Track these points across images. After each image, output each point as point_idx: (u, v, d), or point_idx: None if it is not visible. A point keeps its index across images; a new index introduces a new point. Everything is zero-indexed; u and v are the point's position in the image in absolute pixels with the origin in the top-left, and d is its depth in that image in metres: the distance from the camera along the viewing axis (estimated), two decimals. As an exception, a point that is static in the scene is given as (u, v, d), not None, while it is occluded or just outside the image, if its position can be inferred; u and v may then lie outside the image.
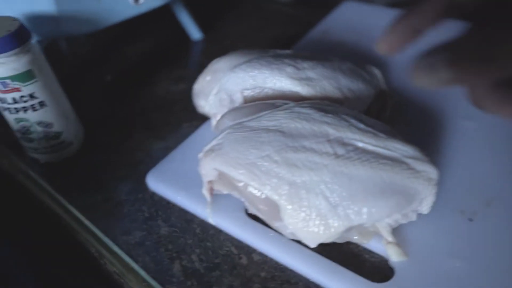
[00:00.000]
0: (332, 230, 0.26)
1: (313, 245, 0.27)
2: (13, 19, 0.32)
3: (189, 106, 0.43)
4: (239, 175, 0.28)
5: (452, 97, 0.39)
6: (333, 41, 0.51)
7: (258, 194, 0.28)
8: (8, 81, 0.32)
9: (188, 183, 0.34)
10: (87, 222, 0.34)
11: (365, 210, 0.26)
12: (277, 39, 0.55)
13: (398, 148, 0.28)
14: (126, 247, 0.31)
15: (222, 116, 0.33)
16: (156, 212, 0.34)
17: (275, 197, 0.27)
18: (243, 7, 0.64)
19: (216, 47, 0.55)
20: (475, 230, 0.28)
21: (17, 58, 0.31)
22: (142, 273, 0.30)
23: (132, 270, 0.30)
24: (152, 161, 0.38)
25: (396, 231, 0.28)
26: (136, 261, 0.30)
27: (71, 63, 0.55)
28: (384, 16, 0.52)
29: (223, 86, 0.36)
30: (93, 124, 0.42)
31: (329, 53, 0.48)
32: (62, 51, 0.57)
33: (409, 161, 0.28)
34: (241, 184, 0.28)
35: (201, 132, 0.39)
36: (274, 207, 0.28)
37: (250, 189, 0.28)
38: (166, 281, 0.29)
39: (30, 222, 0.39)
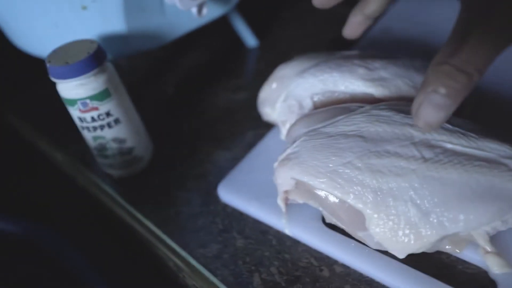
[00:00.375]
0: (425, 240, 0.25)
1: (402, 256, 0.25)
2: (91, 41, 0.33)
3: (251, 114, 0.43)
4: (320, 184, 0.27)
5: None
6: (396, 38, 0.48)
7: (341, 203, 0.27)
8: (87, 101, 0.33)
9: (259, 193, 0.33)
10: (164, 236, 0.34)
11: (461, 217, 0.24)
12: (334, 41, 0.53)
13: (493, 148, 0.26)
14: (204, 260, 0.31)
15: (294, 123, 0.32)
16: (230, 224, 0.33)
17: (360, 206, 0.26)
18: (296, 10, 0.63)
19: (272, 53, 0.54)
20: None
21: (95, 79, 0.33)
22: (222, 286, 0.29)
23: (212, 283, 0.30)
24: (220, 172, 0.38)
25: (493, 239, 0.26)
26: (215, 275, 0.30)
27: (132, 78, 0.57)
28: (445, 5, 0.50)
29: (291, 92, 0.35)
30: (159, 138, 0.43)
31: (394, 51, 0.46)
32: (122, 67, 0.59)
33: (507, 161, 0.25)
34: (322, 193, 0.27)
35: (268, 140, 0.38)
36: (359, 216, 0.26)
37: (332, 198, 0.27)
38: (248, 295, 0.28)
39: (106, 236, 0.41)
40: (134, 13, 0.36)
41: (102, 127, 0.35)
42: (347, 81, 0.33)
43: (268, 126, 0.41)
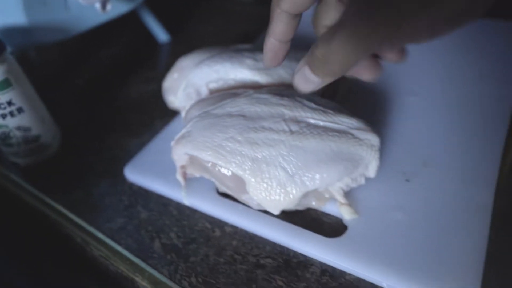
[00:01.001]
0: (291, 196, 0.30)
1: (276, 212, 0.31)
2: (-12, 32, 0.34)
3: (160, 104, 0.46)
4: (207, 156, 0.31)
5: (397, 76, 0.43)
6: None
7: (225, 171, 0.31)
8: (-14, 89, 0.34)
9: (163, 172, 0.37)
10: (72, 216, 0.36)
11: (317, 176, 0.30)
12: (241, 37, 0.58)
13: (344, 122, 0.32)
14: (110, 233, 0.34)
15: (190, 107, 0.36)
16: (136, 200, 0.37)
17: (240, 173, 0.30)
18: (207, 9, 0.67)
19: (183, 47, 0.58)
20: (414, 187, 0.33)
21: (-7, 68, 0.34)
22: (126, 253, 0.33)
23: (116, 252, 0.33)
24: (129, 156, 0.41)
25: (348, 194, 0.32)
26: (120, 244, 0.33)
27: (42, 71, 0.57)
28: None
29: (190, 81, 0.39)
30: (70, 127, 0.45)
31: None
32: (31, 59, 0.58)
33: (354, 131, 0.32)
34: (209, 165, 0.32)
35: (173, 125, 0.42)
36: (240, 182, 0.31)
37: (218, 168, 0.31)
38: (148, 257, 0.32)
39: (16, 223, 0.42)
40: (35, 6, 0.38)
41: (4, 115, 0.36)
42: (237, 70, 0.38)
43: (175, 114, 0.45)
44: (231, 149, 0.31)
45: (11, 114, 0.36)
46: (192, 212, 0.35)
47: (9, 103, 0.36)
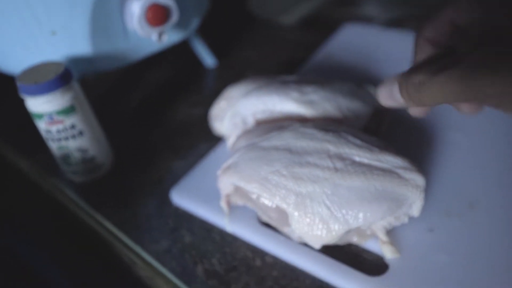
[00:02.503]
0: (333, 233, 0.30)
1: (317, 246, 0.31)
2: (59, 64, 0.38)
3: (206, 128, 0.48)
4: (253, 188, 0.32)
5: (443, 112, 0.43)
6: (335, 62, 0.56)
7: (269, 204, 0.32)
8: (54, 115, 0.37)
9: (207, 197, 0.39)
10: (121, 235, 0.39)
11: (361, 214, 0.30)
12: (285, 62, 0.60)
13: (389, 160, 0.32)
14: (155, 254, 0.36)
15: (238, 138, 0.38)
16: (180, 224, 0.38)
17: (284, 206, 0.31)
18: (252, 33, 0.70)
19: (229, 72, 0.60)
20: (459, 228, 0.32)
21: (61, 96, 0.37)
22: (170, 275, 0.34)
23: (160, 274, 0.35)
24: (174, 178, 0.43)
25: (390, 232, 0.32)
26: (165, 266, 0.35)
27: (98, 91, 0.61)
28: (382, 36, 0.58)
29: (237, 111, 0.41)
30: (122, 146, 0.48)
31: (331, 75, 0.53)
32: (88, 81, 0.63)
33: (399, 171, 0.32)
34: (254, 196, 0.33)
35: (217, 151, 0.44)
36: (283, 214, 0.32)
37: (262, 200, 0.33)
38: (191, 281, 0.33)
39: (68, 235, 0.45)
40: (99, 38, 0.41)
41: (66, 138, 0.39)
42: (283, 103, 0.39)
43: (219, 139, 0.46)
44: (276, 183, 0.32)
45: (73, 137, 0.40)
46: (234, 240, 0.36)
47: (72, 126, 0.39)
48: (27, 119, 0.40)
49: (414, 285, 0.29)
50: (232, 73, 0.60)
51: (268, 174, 0.32)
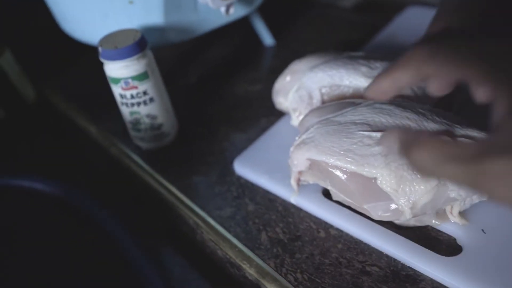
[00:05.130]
0: (431, 186, 0.29)
1: (409, 204, 0.29)
2: (136, 31, 0.39)
3: (265, 103, 0.48)
4: (336, 161, 0.31)
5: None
6: (399, 44, 0.54)
7: (352, 177, 0.31)
8: (129, 80, 0.39)
9: (270, 168, 0.39)
10: (186, 199, 0.40)
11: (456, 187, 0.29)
12: (342, 43, 0.59)
13: (474, 137, 0.31)
14: (220, 220, 0.37)
15: (307, 114, 0.37)
16: (243, 192, 0.39)
17: (373, 171, 0.30)
18: (309, 14, 0.69)
19: (286, 51, 0.60)
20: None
21: (138, 62, 0.39)
22: (235, 240, 0.35)
23: (225, 238, 0.36)
24: (236, 150, 0.44)
25: (466, 212, 0.31)
26: (229, 231, 0.36)
27: (160, 67, 0.63)
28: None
29: (303, 84, 0.40)
30: (184, 119, 0.49)
31: (396, 56, 0.51)
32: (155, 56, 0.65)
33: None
34: (335, 170, 0.32)
35: (279, 126, 0.44)
36: (368, 186, 0.31)
37: (345, 173, 0.31)
38: (256, 248, 0.34)
39: (135, 200, 0.47)
40: (171, 9, 0.42)
41: (138, 103, 0.41)
42: (351, 77, 0.38)
43: (279, 114, 0.46)
44: (362, 152, 0.31)
45: (145, 103, 0.41)
46: (297, 211, 0.36)
47: (144, 93, 0.41)
48: (97, 87, 0.42)
49: (489, 266, 0.28)
50: (289, 52, 0.59)
51: (350, 145, 0.31)
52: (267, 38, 0.61)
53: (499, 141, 0.17)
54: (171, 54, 0.64)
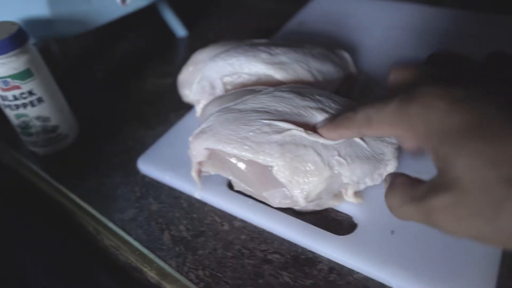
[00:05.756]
0: (324, 176, 0.29)
1: (303, 197, 0.29)
2: (12, 23, 0.35)
3: (176, 97, 0.46)
4: (233, 149, 0.30)
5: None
6: (309, 31, 0.54)
7: (250, 165, 0.30)
8: (9, 79, 0.35)
9: (175, 165, 0.37)
10: (85, 205, 0.37)
11: (357, 171, 0.29)
12: (257, 32, 0.58)
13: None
14: (121, 223, 0.35)
15: (207, 104, 0.36)
16: (147, 192, 0.37)
17: (268, 159, 0.29)
18: (225, 3, 0.67)
19: (200, 42, 0.58)
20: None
21: (16, 58, 0.35)
22: (136, 243, 0.33)
23: (126, 242, 0.33)
24: (142, 148, 0.41)
25: (362, 193, 0.32)
26: (130, 234, 0.34)
27: (63, 63, 0.58)
28: (357, 5, 0.56)
29: (205, 74, 0.39)
30: (87, 118, 0.46)
31: (304, 42, 0.51)
32: (53, 52, 0.60)
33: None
34: (233, 159, 0.31)
35: (186, 119, 0.42)
36: (266, 174, 0.30)
37: (242, 162, 0.30)
38: (157, 249, 0.32)
39: (32, 211, 0.43)
40: (56, -2, 0.39)
41: (25, 105, 0.37)
42: (251, 64, 0.38)
43: (189, 108, 0.45)
44: (258, 140, 0.29)
45: (32, 103, 0.37)
46: (202, 205, 0.35)
47: (30, 92, 0.37)
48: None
49: (382, 242, 0.28)
50: (203, 42, 0.57)
51: (248, 133, 0.30)
52: (179, 29, 0.59)
53: (440, 180, 0.19)
54: (76, 47, 0.60)
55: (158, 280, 0.31)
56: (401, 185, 0.22)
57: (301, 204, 0.29)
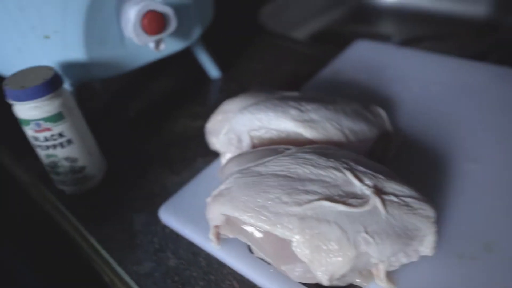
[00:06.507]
0: (349, 256, 0.26)
1: (326, 278, 0.27)
2: (49, 68, 0.36)
3: (204, 142, 0.46)
4: (249, 218, 0.28)
5: (457, 139, 0.40)
6: (344, 80, 0.53)
7: (267, 236, 0.29)
8: (41, 122, 0.36)
9: (196, 217, 0.36)
10: (103, 252, 0.36)
11: (380, 246, 0.27)
12: (291, 76, 0.58)
13: (396, 189, 0.29)
14: (137, 277, 0.34)
15: (227, 162, 0.35)
16: (166, 244, 0.36)
17: (287, 234, 0.27)
18: (260, 44, 0.68)
19: (233, 84, 0.58)
20: (472, 272, 0.29)
21: (50, 102, 0.35)
22: (149, 303, 0.32)
23: (140, 299, 0.32)
24: (167, 194, 0.41)
25: (395, 272, 0.29)
26: (144, 291, 0.33)
27: (103, 99, 0.60)
28: (395, 55, 0.55)
29: (232, 126, 0.38)
30: (116, 157, 0.46)
31: (338, 93, 0.50)
32: (95, 87, 0.62)
33: (407, 199, 0.29)
34: (249, 228, 0.29)
35: (212, 168, 0.42)
36: (283, 247, 0.28)
37: (258, 233, 0.29)
38: (170, 312, 0.31)
39: (53, 247, 0.43)
40: (94, 44, 0.40)
41: (54, 146, 0.38)
42: (280, 121, 0.36)
43: (217, 155, 0.44)
44: (276, 210, 0.28)
45: (61, 145, 0.38)
46: (221, 267, 0.33)
47: (60, 134, 0.37)
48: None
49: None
50: (236, 85, 0.58)
51: (266, 201, 0.29)
52: (213, 70, 0.59)
53: None
54: (110, 86, 0.62)
55: None
56: None
57: (325, 283, 0.27)
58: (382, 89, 0.50)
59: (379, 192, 0.29)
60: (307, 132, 0.36)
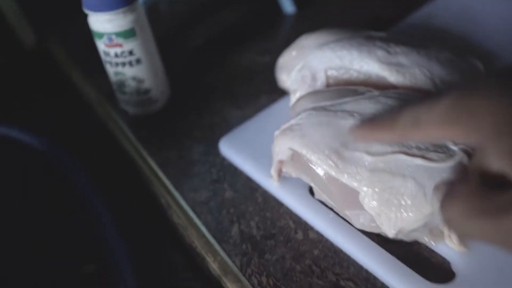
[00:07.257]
0: (423, 210, 0.24)
1: (392, 231, 0.26)
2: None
3: (271, 78, 0.43)
4: (317, 159, 0.27)
5: None
6: (436, 27, 0.47)
7: (334, 179, 0.27)
8: (113, 36, 0.35)
9: (257, 153, 0.35)
10: (161, 175, 0.37)
11: None
12: (374, 20, 0.52)
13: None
14: (193, 203, 0.34)
15: (301, 98, 0.32)
16: (224, 176, 0.35)
17: (354, 184, 0.26)
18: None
19: (307, 23, 0.54)
20: None
21: (123, 16, 0.34)
22: (203, 229, 0.32)
23: (194, 225, 0.32)
24: (227, 127, 0.39)
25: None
26: (199, 218, 0.32)
27: (169, 23, 0.58)
28: (496, 4, 0.47)
29: (308, 63, 0.35)
30: (179, 85, 0.45)
31: (429, 40, 0.44)
32: (161, 11, 0.60)
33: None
34: (316, 168, 0.28)
35: (278, 106, 0.39)
36: (351, 194, 0.27)
37: (326, 174, 0.27)
38: (224, 241, 0.30)
39: (112, 164, 0.44)
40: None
41: (123, 64, 0.37)
42: (363, 61, 0.33)
43: (283, 93, 0.42)
44: (347, 157, 0.26)
45: (130, 63, 0.37)
46: (278, 205, 0.32)
47: (130, 52, 0.37)
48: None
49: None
50: (310, 24, 0.53)
51: (338, 145, 0.27)
52: (288, 5, 0.55)
53: None
54: (183, 9, 0.59)
55: (219, 274, 0.29)
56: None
57: (389, 236, 0.25)
58: (482, 39, 0.43)
59: (466, 150, 0.26)
60: (392, 77, 0.32)
